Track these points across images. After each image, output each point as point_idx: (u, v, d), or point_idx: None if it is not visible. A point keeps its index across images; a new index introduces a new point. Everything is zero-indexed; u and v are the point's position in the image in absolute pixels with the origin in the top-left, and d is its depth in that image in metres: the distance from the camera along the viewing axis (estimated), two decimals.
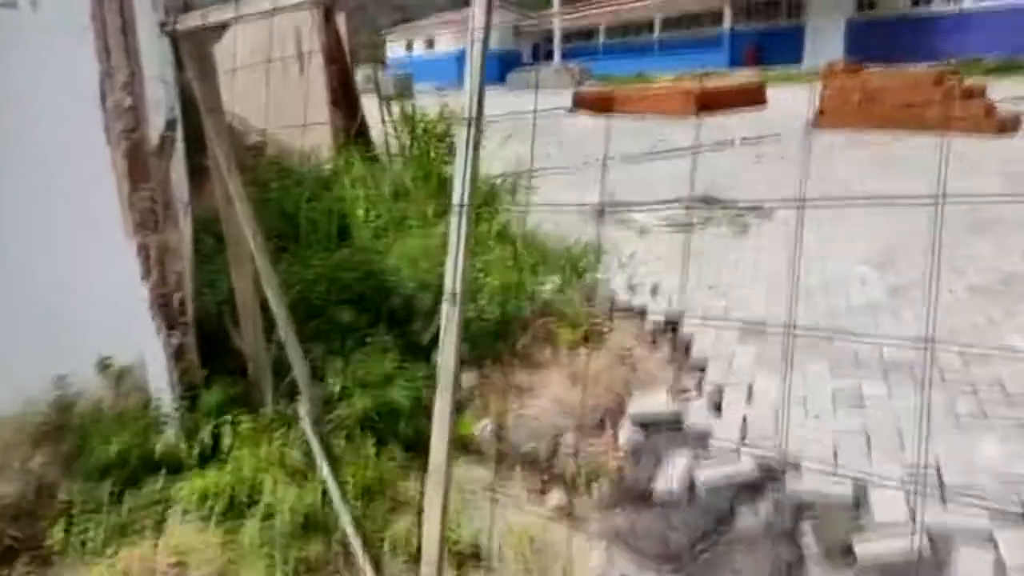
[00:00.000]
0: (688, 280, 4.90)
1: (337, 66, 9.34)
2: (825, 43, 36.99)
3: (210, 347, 3.43)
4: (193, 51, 2.81)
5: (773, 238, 5.82)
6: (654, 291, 4.73)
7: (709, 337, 4.01)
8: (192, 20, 2.71)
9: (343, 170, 5.68)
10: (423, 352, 3.58)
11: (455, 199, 1.79)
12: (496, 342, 3.64)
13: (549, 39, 48.99)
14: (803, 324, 4.08)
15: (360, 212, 4.79)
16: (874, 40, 33.02)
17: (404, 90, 21.99)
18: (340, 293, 3.91)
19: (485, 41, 1.77)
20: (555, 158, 11.11)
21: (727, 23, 43.60)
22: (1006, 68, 18.42)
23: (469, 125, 1.80)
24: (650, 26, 48.43)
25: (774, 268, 5.02)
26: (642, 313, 4.50)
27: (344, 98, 9.14)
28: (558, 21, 44.30)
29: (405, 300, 3.83)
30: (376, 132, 8.09)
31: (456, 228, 1.81)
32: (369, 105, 9.04)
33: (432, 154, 5.56)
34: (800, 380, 3.43)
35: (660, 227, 6.48)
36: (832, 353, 3.67)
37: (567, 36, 49.20)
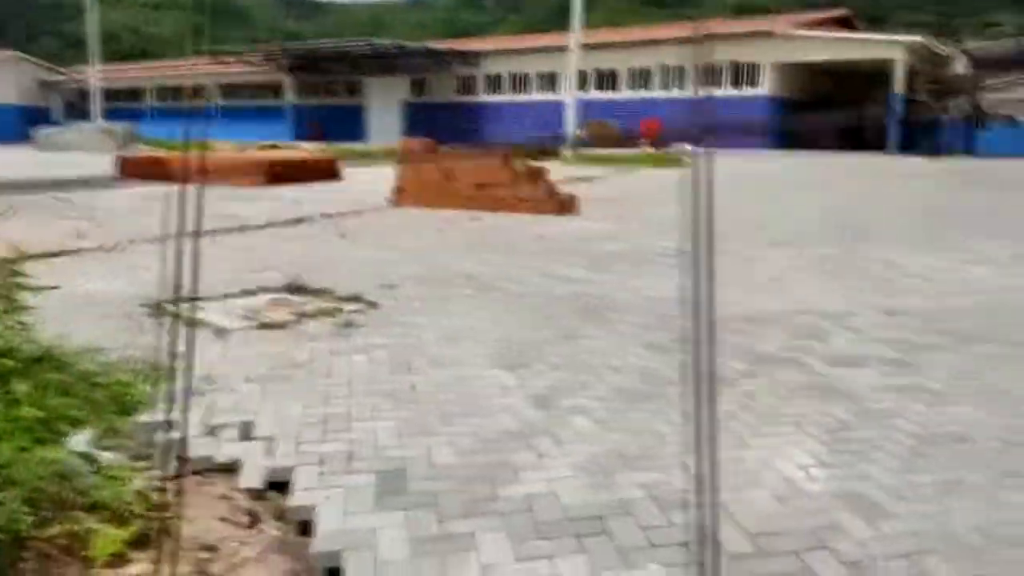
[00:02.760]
0: (292, 410, 3.64)
1: None
2: (384, 122, 38.98)
3: None
4: None
5: (387, 335, 4.89)
6: (246, 433, 3.37)
7: (336, 502, 2.81)
8: None
9: None
10: None
11: None
12: None
13: (85, 96, 43.07)
14: (446, 463, 3.14)
15: None
16: (426, 122, 35.78)
17: None
18: None
19: None
20: (94, 236, 8.86)
21: (289, 96, 43.33)
22: (541, 153, 20.96)
23: None
24: (206, 90, 45.93)
25: (399, 381, 4.04)
26: (232, 470, 3.12)
27: None
28: (95, 78, 39.22)
29: None
30: None
31: None
32: None
33: None
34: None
35: (244, 328, 5.10)
36: (510, 517, 2.76)
37: (109, 95, 43.92)
